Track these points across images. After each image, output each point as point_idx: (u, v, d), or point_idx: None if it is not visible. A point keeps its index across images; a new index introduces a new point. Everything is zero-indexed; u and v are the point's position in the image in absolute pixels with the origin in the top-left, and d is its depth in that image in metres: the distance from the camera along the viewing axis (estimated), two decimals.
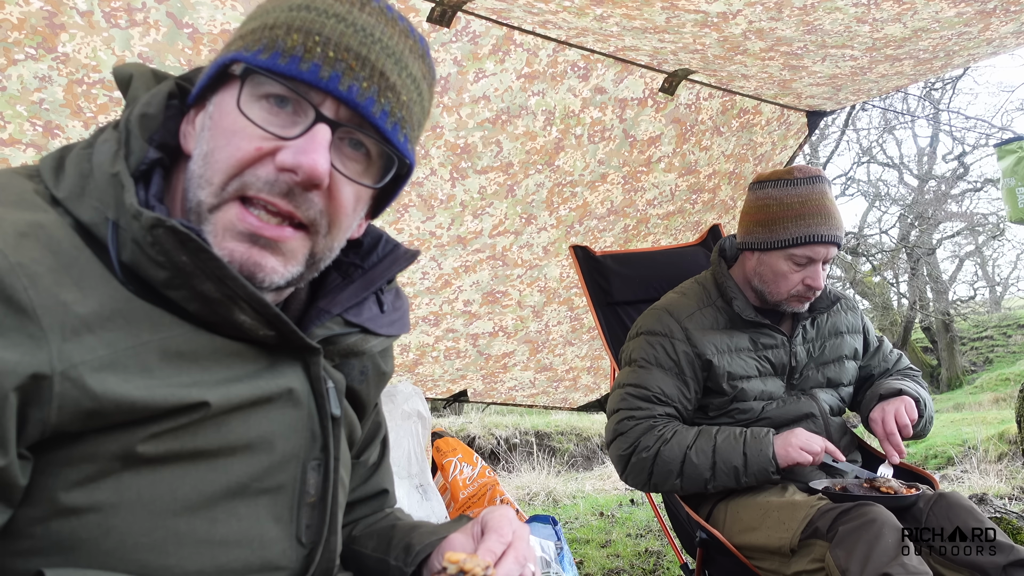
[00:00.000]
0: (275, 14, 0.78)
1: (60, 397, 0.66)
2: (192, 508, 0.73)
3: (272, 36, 0.76)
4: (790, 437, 1.81)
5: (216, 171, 0.76)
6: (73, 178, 0.75)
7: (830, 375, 2.03)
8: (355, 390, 0.96)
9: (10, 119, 1.86)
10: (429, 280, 2.90)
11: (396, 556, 0.96)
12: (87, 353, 0.67)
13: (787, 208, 1.90)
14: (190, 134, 0.82)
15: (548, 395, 3.84)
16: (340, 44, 0.76)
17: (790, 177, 1.93)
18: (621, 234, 3.07)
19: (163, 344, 0.73)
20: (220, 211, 0.76)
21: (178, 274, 0.73)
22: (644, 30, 2.11)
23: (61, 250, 0.70)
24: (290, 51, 0.75)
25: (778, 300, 1.96)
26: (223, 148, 0.76)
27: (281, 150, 0.76)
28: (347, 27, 0.77)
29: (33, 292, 0.65)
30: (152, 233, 0.71)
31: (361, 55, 0.77)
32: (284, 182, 0.76)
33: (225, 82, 0.80)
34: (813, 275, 1.90)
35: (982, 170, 14.47)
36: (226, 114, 0.78)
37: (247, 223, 0.76)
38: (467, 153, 2.45)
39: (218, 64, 0.79)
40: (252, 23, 0.80)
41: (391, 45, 0.79)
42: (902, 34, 2.10)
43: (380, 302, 0.95)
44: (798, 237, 1.87)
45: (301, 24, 0.76)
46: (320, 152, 0.76)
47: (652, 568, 3.66)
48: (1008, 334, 17.00)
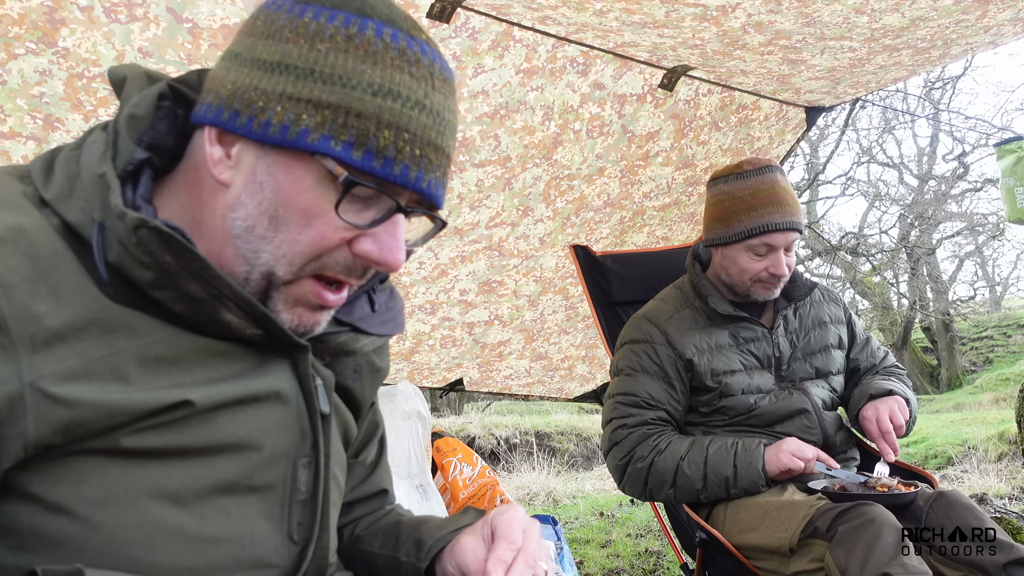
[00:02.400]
0: (358, 95, 0.73)
1: (34, 410, 0.65)
2: (180, 504, 0.73)
3: (362, 129, 0.73)
4: (782, 444, 1.82)
5: (296, 252, 0.76)
6: (61, 179, 0.75)
7: (818, 365, 2.03)
8: (349, 388, 0.96)
9: (10, 112, 1.87)
10: (426, 270, 2.90)
11: (407, 552, 0.95)
12: (57, 364, 0.67)
13: (739, 201, 1.95)
14: (223, 163, 0.77)
15: (544, 384, 3.84)
16: (424, 139, 0.76)
17: (740, 171, 1.98)
18: (617, 226, 3.07)
19: (141, 351, 0.72)
20: (294, 285, 0.78)
21: (163, 274, 0.72)
22: (643, 25, 2.10)
23: (40, 257, 0.69)
24: (383, 151, 0.74)
25: (745, 290, 1.99)
26: (302, 230, 0.75)
27: (360, 238, 0.77)
28: (427, 117, 0.76)
29: (5, 304, 0.65)
30: (136, 234, 0.70)
31: (438, 146, 0.78)
32: (361, 266, 0.79)
33: (300, 153, 0.75)
34: (775, 263, 1.93)
35: (982, 170, 14.48)
36: (302, 193, 0.75)
37: (323, 300, 0.79)
38: (465, 147, 2.45)
39: (300, 145, 0.74)
40: (326, 93, 0.73)
41: (453, 121, 0.80)
42: (900, 23, 2.09)
43: (372, 301, 0.95)
44: (752, 228, 1.91)
45: (391, 118, 0.74)
46: (402, 247, 0.78)
47: (652, 568, 3.66)
48: (1008, 334, 17.00)
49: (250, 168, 0.76)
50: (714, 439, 1.88)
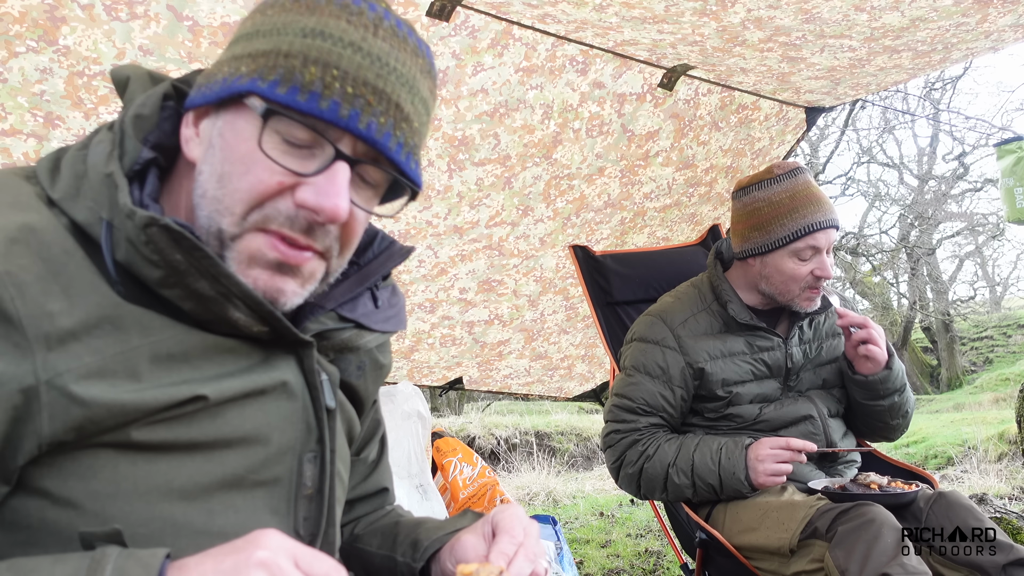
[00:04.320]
0: (288, 38, 0.75)
1: (49, 407, 0.66)
2: (189, 498, 0.73)
3: (288, 66, 0.73)
4: (757, 464, 1.78)
5: (236, 200, 0.75)
6: (68, 179, 0.75)
7: (826, 376, 2.02)
8: (353, 385, 0.96)
9: (11, 110, 1.87)
10: (425, 268, 2.90)
11: (403, 552, 0.96)
12: (72, 361, 0.67)
13: (777, 206, 1.89)
14: (192, 140, 0.80)
15: (543, 384, 3.84)
16: (358, 78, 0.74)
17: (771, 176, 1.92)
18: (618, 226, 3.07)
19: (153, 348, 0.73)
20: (243, 240, 0.76)
21: (172, 272, 0.73)
22: (643, 20, 2.10)
23: (51, 256, 0.70)
24: (308, 86, 0.73)
25: (790, 299, 1.92)
26: (241, 177, 0.75)
27: (301, 186, 0.75)
28: (363, 58, 0.75)
29: (20, 302, 0.66)
30: (146, 232, 0.71)
31: (378, 89, 0.75)
32: (304, 218, 0.76)
33: (238, 104, 0.77)
34: (821, 264, 1.87)
35: (982, 170, 14.50)
36: (242, 141, 0.76)
37: (277, 251, 0.77)
38: (465, 145, 2.45)
39: (233, 90, 0.76)
40: (262, 43, 0.76)
41: (404, 72, 0.78)
42: (900, 23, 2.09)
43: (375, 298, 0.95)
44: (796, 231, 1.85)
45: (318, 55, 0.74)
46: (342, 195, 0.76)
47: (652, 568, 3.66)
48: (1008, 334, 17.00)
49: (207, 136, 0.78)
50: (700, 443, 1.86)
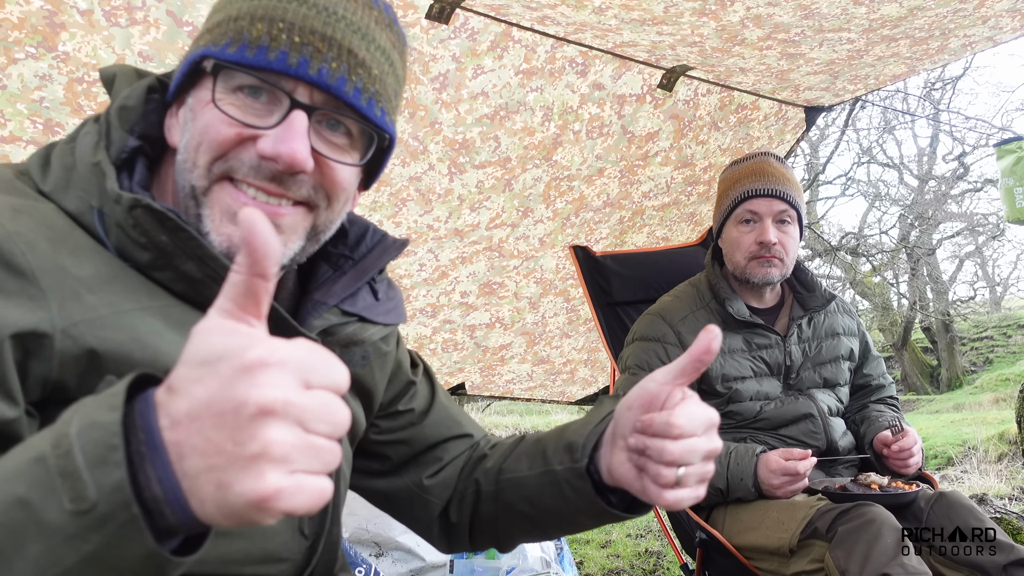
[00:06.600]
0: (238, 4, 0.79)
1: (61, 355, 0.67)
2: None
3: (237, 28, 0.77)
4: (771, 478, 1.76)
5: (200, 154, 0.77)
6: (58, 171, 0.77)
7: (827, 375, 2.03)
8: (359, 376, 0.96)
9: (10, 117, 1.87)
10: (426, 272, 2.90)
11: (560, 460, 0.93)
12: (88, 312, 0.69)
13: (727, 181, 2.06)
14: (174, 127, 0.83)
15: (546, 388, 3.84)
16: (304, 28, 0.76)
17: (737, 159, 2.09)
18: (617, 226, 3.07)
19: (165, 311, 0.74)
20: (213, 192, 0.78)
21: (161, 255, 0.74)
22: (642, 22, 2.10)
23: (56, 226, 0.72)
24: (256, 41, 0.76)
25: (742, 270, 1.99)
26: (203, 133, 0.77)
27: (261, 138, 0.77)
28: (309, 9, 0.77)
29: (31, 256, 0.67)
30: (132, 214, 0.72)
31: (327, 36, 0.77)
32: (268, 168, 0.78)
33: (200, 78, 0.80)
34: (761, 231, 1.94)
35: (982, 170, 14.48)
36: (203, 105, 0.79)
37: (241, 202, 0.77)
38: (465, 148, 2.45)
39: (189, 61, 0.80)
40: (217, 15, 0.81)
41: (355, 21, 0.80)
42: (898, 13, 2.09)
43: (374, 291, 0.96)
44: (735, 197, 1.98)
45: (264, 12, 0.77)
46: (299, 140, 0.77)
47: (652, 568, 3.66)
48: (1008, 334, 17.00)
49: (183, 119, 0.81)
50: None
